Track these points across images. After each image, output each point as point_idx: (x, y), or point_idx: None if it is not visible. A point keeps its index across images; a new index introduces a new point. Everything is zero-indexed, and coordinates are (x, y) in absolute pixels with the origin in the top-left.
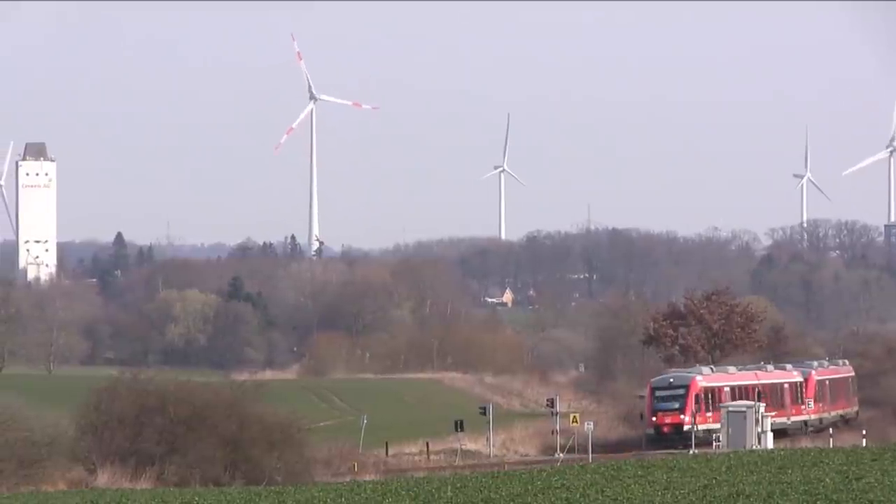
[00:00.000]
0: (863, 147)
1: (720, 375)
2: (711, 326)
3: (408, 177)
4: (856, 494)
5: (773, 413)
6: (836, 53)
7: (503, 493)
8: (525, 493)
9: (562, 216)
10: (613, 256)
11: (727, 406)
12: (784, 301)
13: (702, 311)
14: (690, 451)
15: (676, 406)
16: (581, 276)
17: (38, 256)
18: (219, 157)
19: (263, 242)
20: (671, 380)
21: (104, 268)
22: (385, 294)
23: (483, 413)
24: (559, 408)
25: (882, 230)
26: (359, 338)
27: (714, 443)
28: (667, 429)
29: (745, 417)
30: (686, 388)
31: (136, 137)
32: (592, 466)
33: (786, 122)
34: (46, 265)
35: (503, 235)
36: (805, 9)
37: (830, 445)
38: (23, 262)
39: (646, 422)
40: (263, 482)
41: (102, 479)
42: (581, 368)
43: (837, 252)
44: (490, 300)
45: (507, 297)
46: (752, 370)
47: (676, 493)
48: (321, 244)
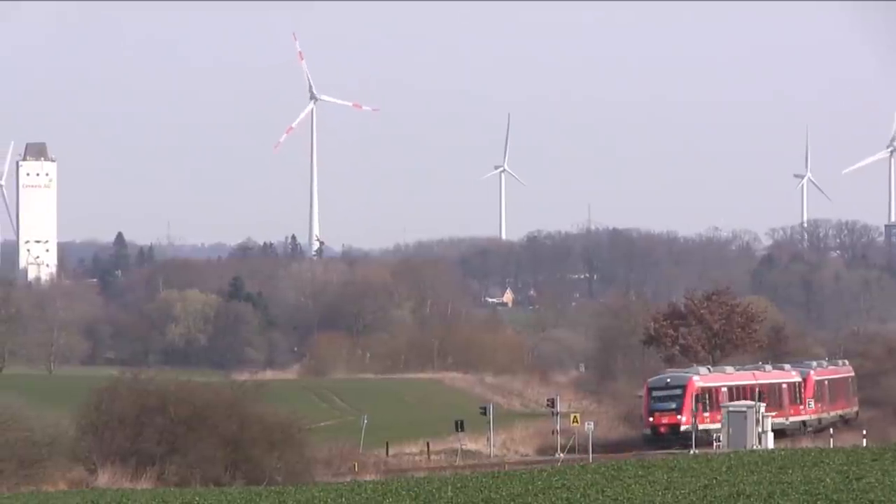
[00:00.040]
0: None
1: (717, 376)
2: (712, 326)
3: (408, 177)
4: (856, 494)
5: (772, 413)
6: (836, 53)
7: (504, 494)
8: (525, 493)
9: (562, 216)
10: (614, 256)
11: (728, 406)
12: (784, 301)
13: (702, 311)
14: (691, 451)
15: (673, 406)
16: (581, 276)
17: (39, 256)
18: (219, 157)
19: (264, 242)
20: (668, 380)
21: (105, 268)
22: (385, 294)
23: (483, 413)
24: (560, 408)
25: (882, 230)
26: (359, 338)
27: (714, 443)
28: (663, 429)
29: (746, 417)
30: (683, 389)
31: (137, 137)
32: (593, 466)
33: (786, 122)
34: (47, 265)
35: (504, 235)
36: (805, 9)
37: (831, 445)
38: (23, 262)
39: (643, 422)
40: (264, 482)
41: (103, 479)
42: (581, 368)
43: (838, 252)
44: (490, 300)
45: (508, 297)
46: (750, 370)
47: (677, 493)
48: (322, 244)
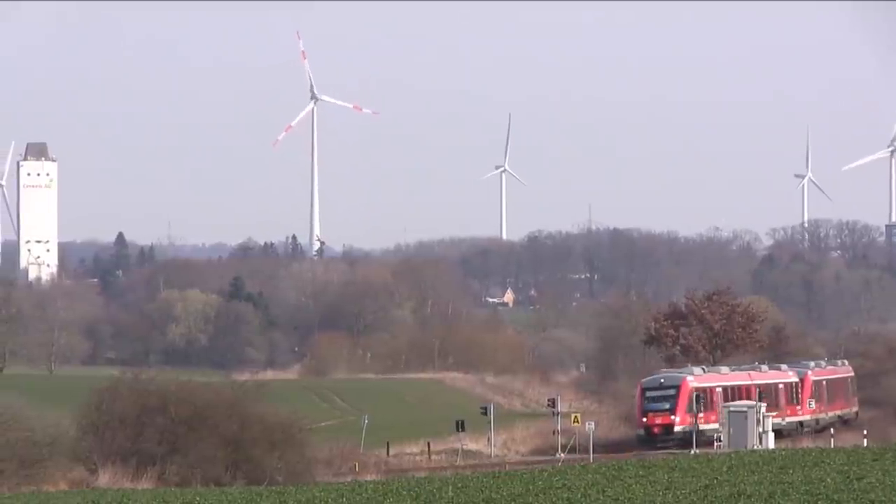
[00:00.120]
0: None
1: (712, 376)
2: (713, 326)
3: (409, 177)
4: (857, 494)
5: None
6: (836, 53)
7: (504, 494)
8: (526, 493)
9: (563, 216)
10: (615, 256)
11: (728, 406)
12: (785, 301)
13: (703, 311)
14: (691, 451)
15: (667, 407)
16: (582, 276)
17: (40, 256)
18: (220, 157)
19: (264, 242)
20: (662, 380)
21: (105, 268)
22: (386, 294)
23: (484, 413)
24: (560, 408)
25: (883, 230)
26: (360, 338)
27: (715, 443)
28: (657, 429)
29: (747, 417)
30: (677, 389)
31: (138, 137)
32: (593, 466)
33: (786, 122)
34: (48, 265)
35: (504, 235)
36: (805, 9)
37: (831, 445)
38: (24, 262)
39: (636, 422)
40: (265, 482)
41: (104, 479)
42: (582, 368)
43: (838, 252)
44: (491, 300)
45: (509, 297)
46: (746, 371)
47: (678, 493)
48: (322, 244)
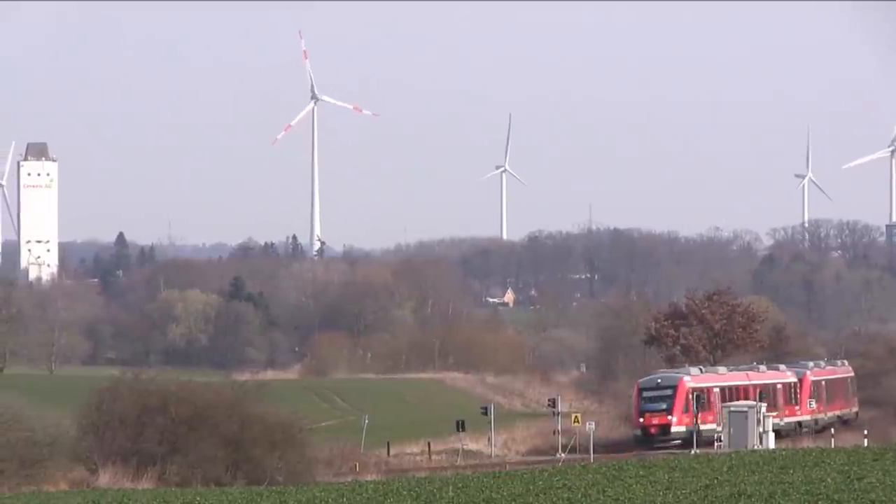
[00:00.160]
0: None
1: (709, 376)
2: (713, 326)
3: (409, 177)
4: (857, 494)
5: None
6: (836, 53)
7: (505, 494)
8: (527, 493)
9: (563, 216)
10: (615, 256)
11: (729, 406)
12: (785, 301)
13: (703, 311)
14: (692, 451)
15: (664, 407)
16: (582, 276)
17: (40, 256)
18: (220, 157)
19: (265, 242)
20: (658, 380)
21: (106, 268)
22: (386, 294)
23: (484, 413)
24: (561, 408)
25: (883, 230)
26: (360, 338)
27: (716, 443)
28: (654, 430)
29: (747, 417)
30: (674, 389)
31: (138, 137)
32: (594, 466)
33: (786, 122)
34: (48, 265)
35: (505, 235)
36: (805, 9)
37: (832, 445)
38: (24, 263)
39: (632, 422)
40: (265, 482)
41: (104, 479)
42: (582, 368)
43: (839, 252)
44: (491, 300)
45: (509, 297)
46: (744, 371)
47: (678, 493)
48: (322, 244)
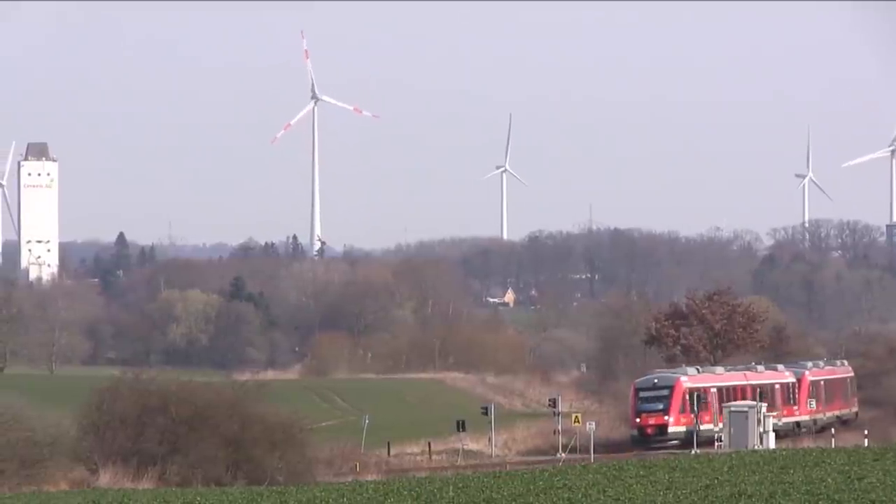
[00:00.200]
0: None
1: (707, 376)
2: (713, 326)
3: (409, 177)
4: (857, 494)
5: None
6: (836, 53)
7: (505, 493)
8: (527, 493)
9: (564, 216)
10: (615, 256)
11: (729, 406)
12: (786, 301)
13: (704, 311)
14: (692, 451)
15: (660, 407)
16: (583, 276)
17: (40, 256)
18: (220, 157)
19: (265, 242)
20: (655, 380)
21: (106, 268)
22: (387, 294)
23: (485, 413)
24: (561, 408)
25: (884, 230)
26: (360, 338)
27: (716, 443)
28: (650, 430)
29: (747, 417)
30: (670, 389)
31: (138, 137)
32: (594, 466)
33: (786, 122)
34: (48, 265)
35: (505, 235)
36: (805, 9)
37: (832, 445)
38: (25, 263)
39: (629, 423)
40: (265, 482)
41: (104, 479)
42: (583, 368)
43: (839, 252)
44: (492, 300)
45: (509, 297)
46: (742, 371)
47: (678, 493)
48: (323, 244)
